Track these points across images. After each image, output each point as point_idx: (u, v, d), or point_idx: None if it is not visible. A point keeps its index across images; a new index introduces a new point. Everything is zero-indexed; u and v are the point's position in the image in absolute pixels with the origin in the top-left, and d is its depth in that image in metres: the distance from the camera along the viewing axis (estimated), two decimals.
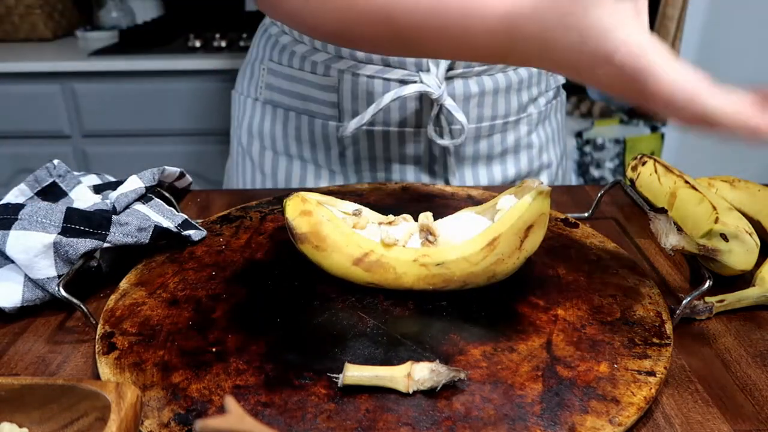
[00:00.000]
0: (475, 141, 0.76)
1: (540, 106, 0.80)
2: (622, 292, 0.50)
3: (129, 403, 0.33)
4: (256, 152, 0.82)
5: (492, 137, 0.77)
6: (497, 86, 0.74)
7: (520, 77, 0.76)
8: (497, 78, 0.74)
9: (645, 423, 0.39)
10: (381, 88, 0.72)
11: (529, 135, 0.80)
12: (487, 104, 0.74)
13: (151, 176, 0.60)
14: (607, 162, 2.87)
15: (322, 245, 0.49)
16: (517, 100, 0.76)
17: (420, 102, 0.72)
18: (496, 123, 0.76)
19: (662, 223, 0.49)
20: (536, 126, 0.80)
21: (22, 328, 0.49)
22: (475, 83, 0.73)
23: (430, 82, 0.69)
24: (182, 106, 1.80)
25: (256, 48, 0.83)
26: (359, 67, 0.72)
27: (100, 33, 2.02)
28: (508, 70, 0.74)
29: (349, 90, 0.73)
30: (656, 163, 0.65)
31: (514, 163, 0.80)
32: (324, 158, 0.78)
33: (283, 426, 0.37)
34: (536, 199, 0.46)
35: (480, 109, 0.74)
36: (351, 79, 0.72)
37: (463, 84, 0.72)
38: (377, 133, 0.74)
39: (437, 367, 0.39)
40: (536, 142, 0.81)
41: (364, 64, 0.72)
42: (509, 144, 0.78)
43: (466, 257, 0.46)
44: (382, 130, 0.74)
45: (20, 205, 0.50)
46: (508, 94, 0.75)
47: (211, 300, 0.49)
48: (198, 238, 0.57)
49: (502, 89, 0.74)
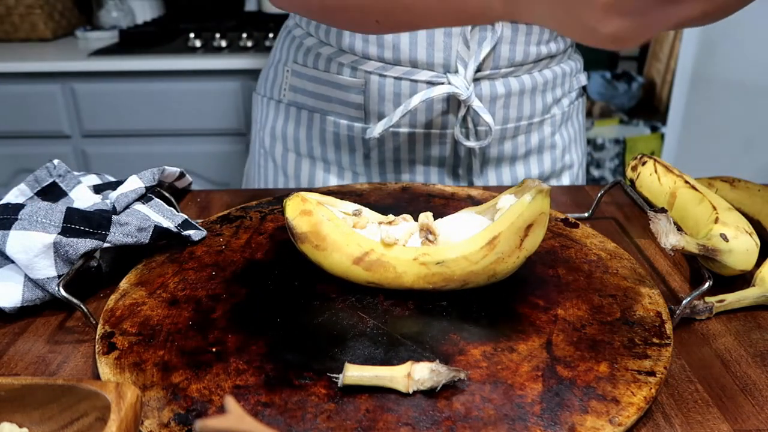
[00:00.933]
0: (500, 142, 0.76)
1: (563, 106, 0.81)
2: (622, 292, 0.50)
3: (129, 403, 0.33)
4: (278, 154, 0.82)
5: (516, 138, 0.77)
6: (523, 87, 0.74)
7: (545, 78, 0.76)
8: (523, 79, 0.74)
9: (645, 423, 0.39)
10: (408, 89, 0.72)
11: (553, 136, 0.80)
12: (512, 105, 0.74)
13: (151, 176, 0.60)
14: (607, 162, 2.87)
15: (322, 245, 0.49)
16: (542, 101, 0.77)
17: (447, 103, 0.72)
18: (521, 124, 0.76)
19: (662, 223, 0.49)
20: (559, 127, 0.81)
21: (22, 328, 0.49)
22: (501, 84, 0.73)
23: (458, 84, 0.69)
24: (182, 106, 1.80)
25: (279, 50, 0.83)
26: (387, 69, 0.72)
27: (100, 33, 2.02)
28: (534, 71, 0.75)
29: (376, 91, 0.73)
30: (656, 163, 0.65)
31: (537, 164, 0.80)
32: (348, 160, 0.78)
33: (283, 426, 0.37)
34: (536, 198, 0.46)
35: (506, 110, 0.74)
36: (378, 80, 0.72)
37: (490, 85, 0.72)
38: (403, 134, 0.74)
39: (437, 367, 0.39)
40: (560, 143, 0.81)
41: (391, 65, 0.72)
42: (533, 145, 0.79)
43: (466, 256, 0.46)
44: (407, 131, 0.74)
45: (20, 205, 0.50)
46: (534, 95, 0.75)
47: (211, 300, 0.49)
48: (198, 238, 0.57)
49: (528, 90, 0.74)
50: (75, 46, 1.94)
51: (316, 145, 0.79)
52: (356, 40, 0.72)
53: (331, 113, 0.76)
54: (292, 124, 0.80)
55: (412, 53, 0.70)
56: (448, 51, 0.69)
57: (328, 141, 0.78)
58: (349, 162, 0.78)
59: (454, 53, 0.69)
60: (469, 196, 0.67)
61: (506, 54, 0.71)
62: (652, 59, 3.31)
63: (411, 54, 0.70)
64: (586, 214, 0.65)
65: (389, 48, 0.71)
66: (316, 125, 0.78)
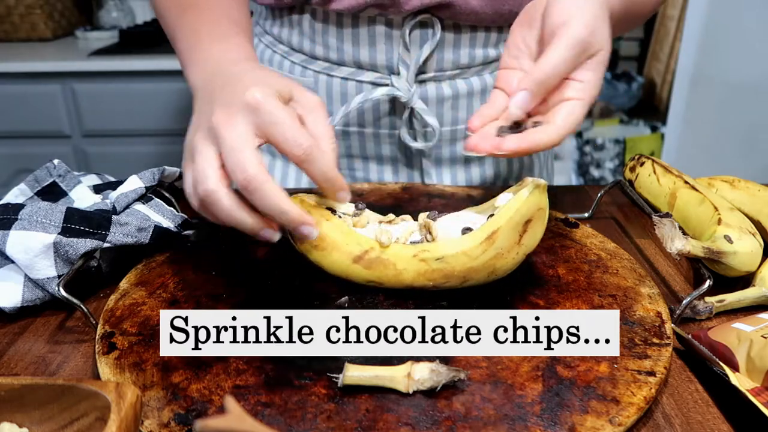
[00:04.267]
0: (451, 143, 0.76)
1: None
2: (622, 292, 0.50)
3: (129, 403, 0.33)
4: None
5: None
6: (471, 89, 0.74)
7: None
8: (471, 81, 0.74)
9: (645, 423, 0.39)
10: (354, 89, 0.72)
11: None
12: (461, 107, 0.74)
13: (151, 176, 0.59)
14: (607, 162, 2.87)
15: (321, 244, 0.49)
16: None
17: (393, 105, 0.73)
18: None
19: (667, 227, 0.49)
20: None
21: (22, 328, 0.49)
22: (448, 86, 0.73)
23: (400, 85, 0.69)
24: (182, 106, 1.80)
25: None
26: (333, 69, 0.73)
27: (100, 33, 2.02)
28: (484, 74, 0.74)
29: (324, 91, 0.74)
30: (654, 164, 0.64)
31: (492, 165, 0.80)
32: None
33: (283, 426, 0.37)
34: (533, 192, 0.46)
35: (455, 111, 0.74)
36: (326, 80, 0.73)
37: (436, 87, 0.72)
38: (353, 133, 0.75)
39: (437, 367, 0.39)
40: None
41: (337, 65, 0.72)
42: None
43: (466, 251, 0.46)
44: (357, 131, 0.75)
45: (20, 205, 0.50)
46: (484, 97, 0.75)
47: (211, 300, 0.49)
48: (198, 238, 0.57)
49: (477, 92, 0.74)
50: (75, 46, 1.94)
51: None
52: (304, 41, 0.73)
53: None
54: None
55: (355, 55, 0.71)
56: (390, 53, 0.70)
57: None
58: None
59: (396, 55, 0.70)
60: (469, 196, 0.67)
61: (450, 56, 0.71)
62: (652, 59, 3.31)
63: (354, 56, 0.71)
64: (586, 214, 0.65)
65: (333, 49, 0.71)
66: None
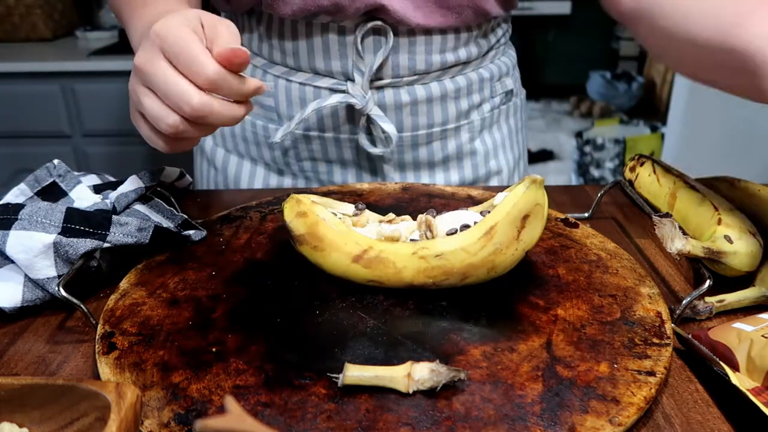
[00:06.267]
0: (413, 148, 0.76)
1: (484, 112, 0.79)
2: (622, 292, 0.50)
3: (129, 403, 0.33)
4: (209, 149, 0.84)
5: (431, 144, 0.76)
6: (430, 95, 0.73)
7: (457, 85, 0.74)
8: (431, 87, 0.73)
9: (645, 423, 0.39)
10: (312, 95, 0.72)
11: (472, 142, 0.79)
12: (421, 113, 0.74)
13: (151, 176, 0.60)
14: (607, 162, 2.87)
15: (320, 245, 0.49)
16: (456, 107, 0.75)
17: (351, 111, 0.73)
18: (433, 131, 0.75)
19: (668, 228, 0.49)
20: (480, 132, 0.79)
21: (22, 328, 0.49)
22: (406, 92, 0.72)
23: (355, 92, 0.69)
24: None
25: None
26: (291, 74, 0.73)
27: (100, 33, 2.02)
28: (444, 79, 0.74)
29: (284, 95, 0.74)
30: (654, 164, 0.64)
31: (457, 170, 0.79)
32: (270, 158, 0.79)
33: (283, 426, 0.37)
34: (530, 188, 0.46)
35: (414, 117, 0.74)
36: (285, 84, 0.73)
37: (394, 93, 0.72)
38: (314, 138, 0.75)
39: (437, 367, 0.39)
40: (481, 149, 0.80)
41: (295, 71, 0.73)
42: (450, 151, 0.78)
43: (465, 247, 0.46)
44: (318, 135, 0.75)
45: (20, 205, 0.50)
46: (444, 102, 0.74)
47: (211, 300, 0.49)
48: (198, 238, 0.57)
49: (437, 98, 0.73)
50: (75, 46, 1.94)
51: (240, 142, 0.80)
52: (263, 45, 0.74)
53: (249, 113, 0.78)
54: None
55: (311, 61, 0.71)
56: (345, 59, 0.70)
57: (249, 139, 0.79)
58: (271, 160, 0.79)
59: (350, 62, 0.70)
60: (469, 196, 0.67)
61: (405, 63, 0.70)
62: (652, 59, 3.30)
63: (310, 62, 0.71)
64: (586, 214, 0.65)
65: (290, 54, 0.72)
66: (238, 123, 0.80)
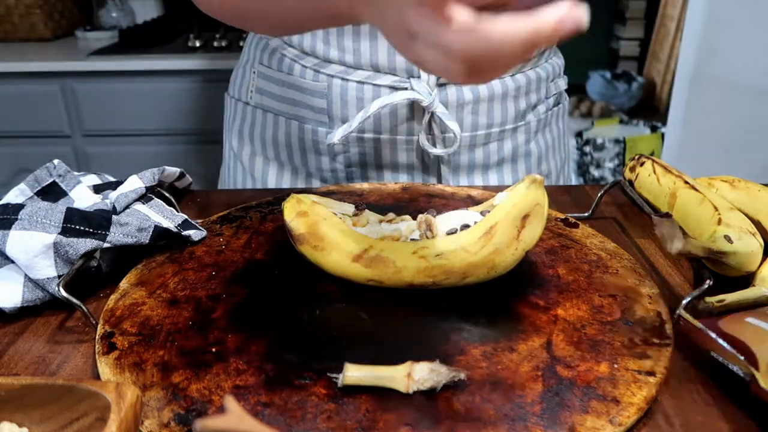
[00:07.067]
0: (470, 149, 0.74)
1: (539, 113, 0.78)
2: (622, 292, 0.50)
3: (129, 403, 0.33)
4: (246, 157, 0.81)
5: (488, 146, 0.75)
6: (492, 93, 0.72)
7: (518, 84, 0.73)
8: (492, 85, 0.71)
9: (645, 423, 0.39)
10: (371, 94, 0.70)
11: (528, 144, 0.78)
12: (482, 112, 0.72)
13: (151, 176, 0.60)
14: (607, 162, 2.87)
15: (320, 244, 0.49)
16: (514, 107, 0.74)
17: (411, 110, 0.70)
18: (492, 131, 0.74)
19: (667, 228, 0.49)
20: (535, 134, 0.78)
21: (22, 328, 0.49)
22: (469, 90, 0.71)
23: (421, 89, 0.67)
24: (182, 106, 1.80)
25: (247, 50, 0.81)
26: (349, 73, 0.70)
27: (100, 33, 2.02)
28: (505, 77, 0.72)
29: (339, 96, 0.71)
30: (654, 164, 0.64)
31: (511, 173, 0.78)
32: (315, 166, 0.76)
33: (283, 426, 0.37)
34: (529, 187, 0.46)
35: (474, 116, 0.72)
36: (341, 84, 0.70)
37: (457, 91, 0.70)
38: (368, 140, 0.72)
39: (437, 367, 0.39)
40: (535, 151, 0.79)
41: (353, 69, 0.70)
42: (506, 153, 0.76)
43: (465, 247, 0.46)
44: (373, 137, 0.72)
45: (20, 205, 0.50)
46: (504, 101, 0.73)
47: (211, 300, 0.49)
48: (198, 238, 0.57)
49: (498, 96, 0.72)
50: (75, 46, 1.94)
51: (282, 150, 0.77)
52: (317, 43, 0.70)
53: (296, 117, 0.74)
54: (258, 127, 0.78)
55: (373, 58, 0.68)
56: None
57: (294, 146, 0.76)
58: (316, 167, 0.76)
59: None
60: (469, 196, 0.67)
61: None
62: (652, 59, 3.31)
63: (372, 58, 0.68)
64: (586, 214, 0.65)
65: (350, 52, 0.69)
66: (281, 129, 0.76)
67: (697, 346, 0.45)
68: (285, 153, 0.77)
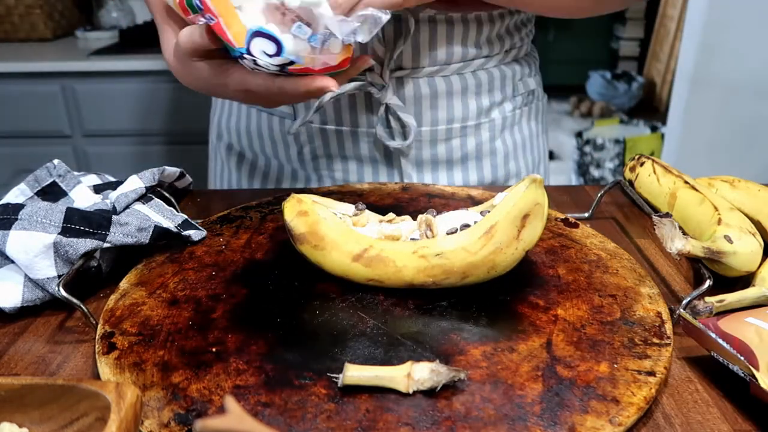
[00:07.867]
0: (432, 145, 0.74)
1: (505, 111, 0.77)
2: (622, 292, 0.50)
3: (129, 403, 0.33)
4: (223, 148, 0.84)
5: (450, 141, 0.75)
6: (451, 88, 0.72)
7: (479, 80, 0.73)
8: (451, 80, 0.72)
9: (645, 423, 0.39)
10: None
11: (493, 141, 0.77)
12: (441, 107, 0.73)
13: (151, 176, 0.60)
14: (607, 162, 2.87)
15: (320, 244, 0.49)
16: (476, 103, 0.74)
17: (370, 102, 0.71)
18: (453, 126, 0.74)
19: (667, 228, 0.49)
20: (501, 132, 0.78)
21: (22, 328, 0.49)
22: (426, 84, 0.71)
23: (374, 80, 0.68)
24: (182, 106, 1.80)
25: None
26: None
27: (100, 33, 2.02)
28: (465, 72, 0.73)
29: None
30: (654, 164, 0.64)
31: (476, 170, 0.78)
32: (285, 156, 0.78)
33: (283, 426, 0.37)
34: (529, 187, 0.46)
35: (434, 111, 0.72)
36: None
37: (413, 84, 0.71)
38: (330, 131, 0.74)
39: (437, 367, 0.39)
40: (501, 149, 0.78)
41: None
42: (470, 149, 0.76)
43: (465, 246, 0.46)
44: (335, 128, 0.73)
45: (20, 205, 0.50)
46: (465, 96, 0.73)
47: (211, 300, 0.49)
48: (198, 238, 0.57)
49: (457, 92, 0.72)
50: (75, 46, 1.95)
51: (255, 140, 0.79)
52: None
53: (265, 109, 0.77)
54: (234, 119, 0.81)
55: None
56: (364, 47, 0.68)
57: (265, 136, 0.78)
58: (286, 158, 0.78)
59: (370, 50, 0.68)
60: (469, 196, 0.67)
61: (427, 52, 0.69)
62: (652, 59, 3.31)
63: None
64: (586, 214, 0.65)
65: None
66: (253, 120, 0.79)
67: (697, 346, 0.45)
68: (258, 144, 0.80)
